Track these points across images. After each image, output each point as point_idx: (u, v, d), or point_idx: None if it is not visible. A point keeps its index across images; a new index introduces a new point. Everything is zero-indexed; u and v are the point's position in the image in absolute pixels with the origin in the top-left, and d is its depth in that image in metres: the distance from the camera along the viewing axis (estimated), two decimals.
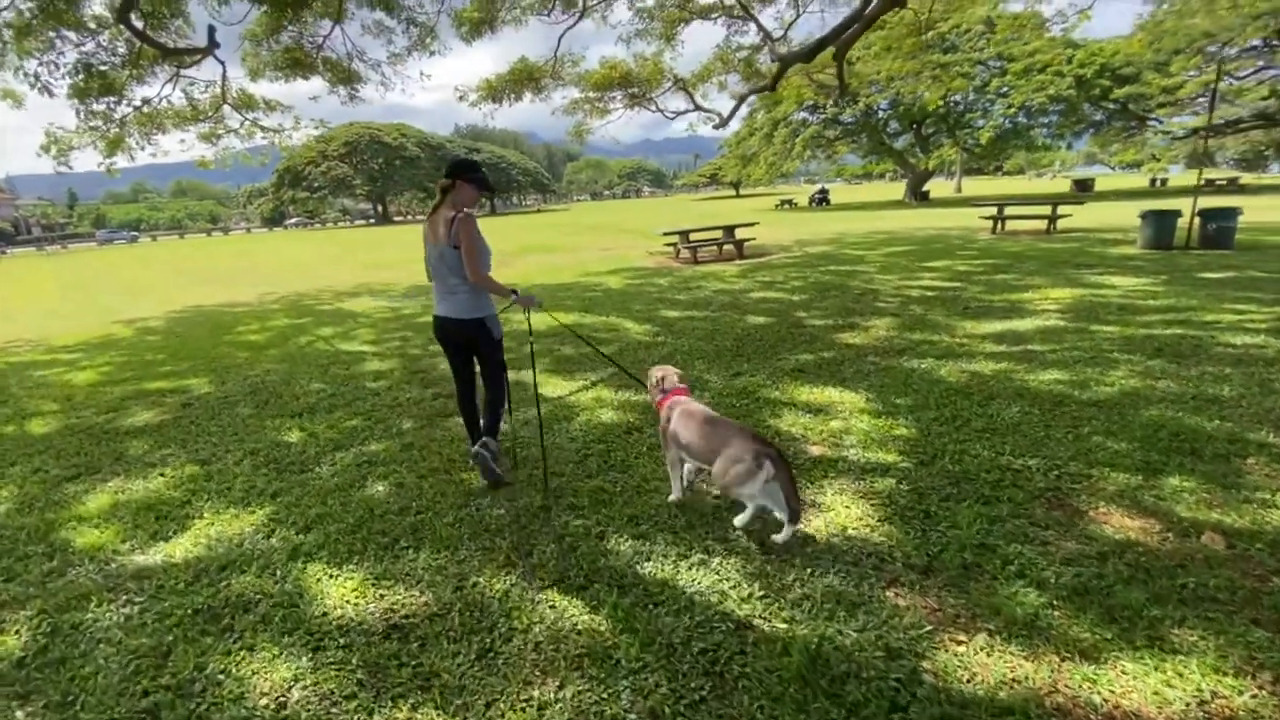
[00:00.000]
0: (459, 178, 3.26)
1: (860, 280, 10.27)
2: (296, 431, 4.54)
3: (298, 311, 10.31)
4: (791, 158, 41.50)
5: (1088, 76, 35.54)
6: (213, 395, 5.61)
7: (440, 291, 3.42)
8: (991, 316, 7.01)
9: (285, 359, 6.87)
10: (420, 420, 4.65)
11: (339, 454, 4.08)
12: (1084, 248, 12.82)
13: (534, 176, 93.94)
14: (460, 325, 3.41)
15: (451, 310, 3.38)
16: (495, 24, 14.52)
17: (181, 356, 7.29)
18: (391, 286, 13.01)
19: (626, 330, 7.45)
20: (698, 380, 5.24)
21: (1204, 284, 8.10)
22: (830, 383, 4.94)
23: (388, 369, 6.21)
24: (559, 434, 4.20)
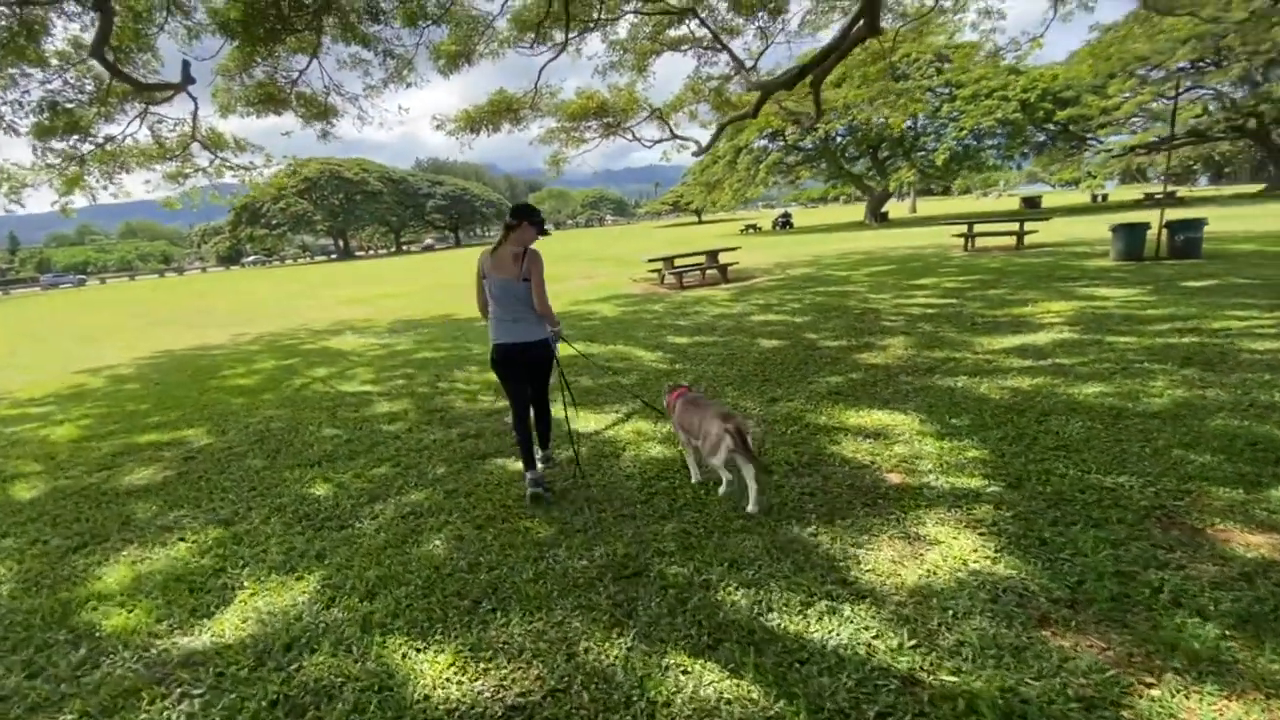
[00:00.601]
0: (525, 220, 3.68)
1: (856, 300, 10.34)
2: (321, 483, 4.19)
3: (282, 352, 9.82)
4: (755, 184, 42.39)
5: (1031, 100, 37.40)
6: (215, 447, 5.19)
7: (504, 320, 3.76)
8: (1002, 331, 7.07)
9: (285, 404, 6.47)
10: (455, 464, 4.36)
11: (377, 506, 3.76)
12: (1060, 261, 13.24)
13: (498, 208, 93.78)
14: (528, 348, 3.78)
15: (520, 336, 3.76)
16: (472, 57, 14.48)
17: (168, 406, 6.80)
18: (372, 323, 12.58)
19: (640, 359, 7.27)
20: (734, 406, 5.08)
21: (1192, 292, 8.37)
22: (873, 405, 4.84)
23: (400, 410, 5.88)
24: (611, 472, 3.98)
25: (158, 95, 10.85)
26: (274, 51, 12.24)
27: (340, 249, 78.69)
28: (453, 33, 13.48)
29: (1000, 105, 36.86)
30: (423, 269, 32.41)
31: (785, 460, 3.89)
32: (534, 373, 3.91)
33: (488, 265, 3.73)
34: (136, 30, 10.60)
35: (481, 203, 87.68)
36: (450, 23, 13.05)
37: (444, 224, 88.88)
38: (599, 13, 13.95)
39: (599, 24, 14.74)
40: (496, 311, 3.76)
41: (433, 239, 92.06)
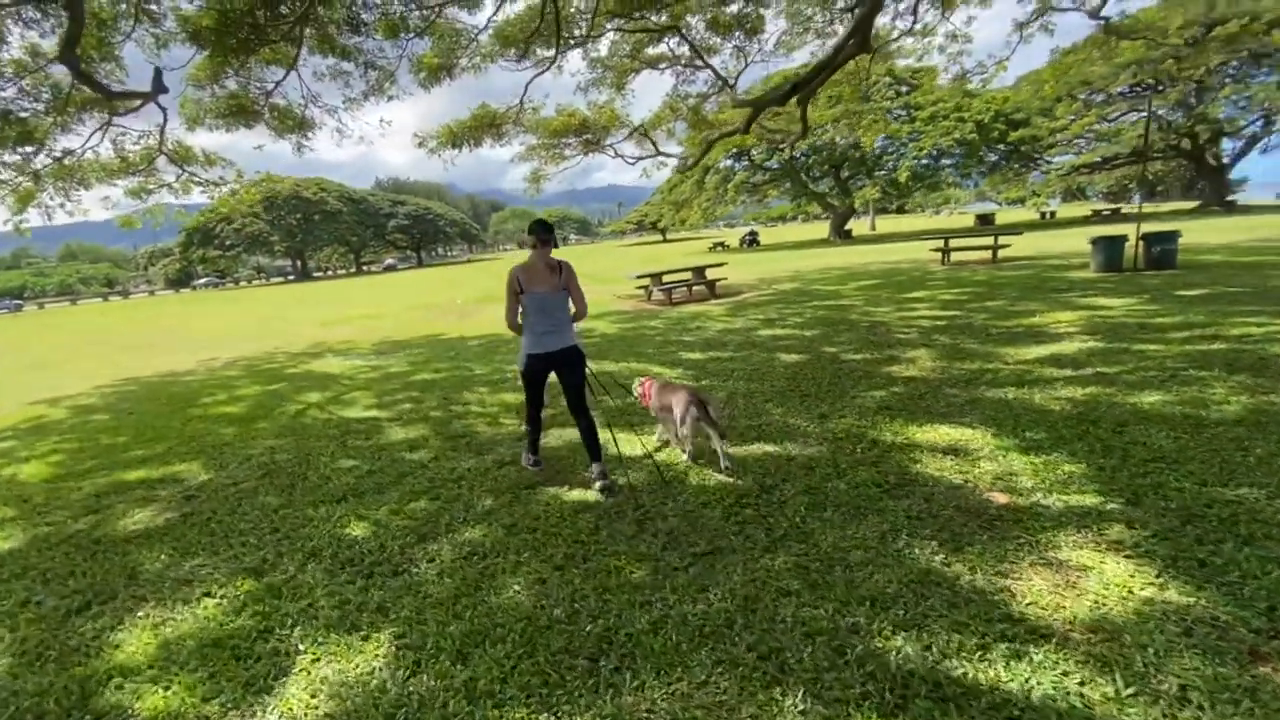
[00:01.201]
0: (551, 235, 3.99)
1: (857, 313, 10.29)
2: (356, 522, 3.75)
3: (264, 377, 9.17)
4: (725, 202, 42.89)
5: (986, 121, 38.95)
6: (218, 483, 4.66)
7: (542, 328, 3.93)
8: (1022, 342, 7.03)
9: (284, 432, 5.93)
10: (502, 495, 3.96)
11: (430, 546, 3.35)
12: (1042, 274, 13.54)
13: (462, 227, 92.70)
14: (566, 352, 3.97)
15: (558, 342, 3.95)
16: (454, 71, 14.16)
17: (150, 438, 6.17)
18: (354, 345, 11.96)
19: (661, 376, 6.96)
20: (785, 425, 4.83)
21: (1189, 300, 8.54)
22: (930, 419, 4.65)
23: (419, 436, 5.43)
24: (684, 500, 3.65)
25: (125, 105, 10.16)
26: (246, 63, 11.69)
27: (298, 270, 76.30)
28: (435, 45, 13.15)
29: (957, 126, 38.27)
30: (391, 289, 31.49)
31: (872, 481, 3.63)
32: (572, 375, 4.01)
33: (524, 280, 3.86)
34: (100, 38, 9.95)
35: (445, 222, 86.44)
36: (434, 35, 12.72)
37: (406, 244, 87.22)
38: (588, 29, 13.80)
39: (586, 40, 14.61)
40: (535, 323, 3.91)
41: (393, 259, 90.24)
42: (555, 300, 3.90)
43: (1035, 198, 58.36)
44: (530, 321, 3.92)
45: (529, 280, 3.87)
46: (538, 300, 3.86)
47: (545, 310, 3.88)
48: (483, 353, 9.56)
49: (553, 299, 3.89)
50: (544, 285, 3.87)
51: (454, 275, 40.55)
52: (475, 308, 17.31)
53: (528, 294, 3.86)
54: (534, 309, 3.88)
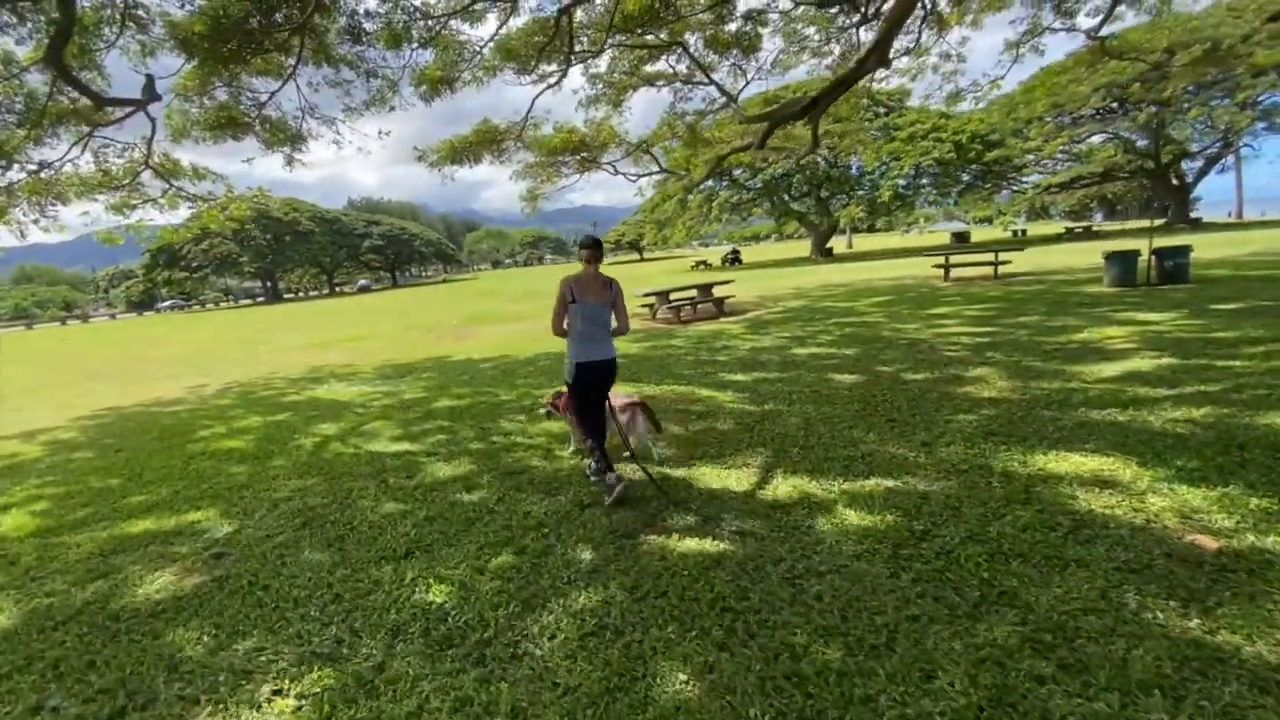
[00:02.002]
0: (601, 250, 4.20)
1: (888, 330, 9.96)
2: (435, 584, 3.14)
3: (264, 406, 8.42)
4: (709, 221, 42.94)
5: (964, 142, 39.79)
6: (247, 535, 3.99)
7: (587, 339, 4.11)
8: (1088, 359, 6.72)
9: (307, 471, 5.25)
10: (601, 544, 3.39)
11: (543, 618, 2.76)
12: (1055, 289, 13.46)
13: (437, 247, 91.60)
14: (610, 363, 4.20)
15: (603, 353, 4.16)
16: (455, 85, 13.68)
17: (149, 480, 5.42)
18: (355, 369, 11.22)
19: (716, 399, 6.47)
20: (887, 454, 4.36)
21: (1231, 315, 8.37)
22: (1049, 446, 4.24)
23: (467, 473, 4.82)
24: (827, 548, 3.13)
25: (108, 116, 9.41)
26: (237, 74, 11.04)
27: (268, 291, 74.25)
28: (439, 57, 12.66)
29: (935, 146, 38.98)
30: (372, 311, 30.51)
31: (1040, 523, 3.17)
32: (607, 383, 4.27)
33: (576, 291, 4.07)
34: (82, 45, 9.23)
35: (421, 242, 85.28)
36: (438, 47, 12.24)
37: (380, 264, 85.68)
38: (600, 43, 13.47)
39: (598, 53, 14.28)
40: (582, 332, 4.09)
41: (367, 280, 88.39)
42: (603, 313, 4.14)
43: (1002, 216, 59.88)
44: (577, 330, 4.11)
45: (581, 291, 4.07)
46: (587, 311, 4.08)
47: (593, 321, 4.10)
48: (500, 377, 8.94)
49: (601, 311, 4.12)
50: (594, 297, 4.09)
51: (433, 296, 39.61)
52: (469, 329, 16.63)
53: (579, 303, 4.06)
54: (583, 319, 4.08)
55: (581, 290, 4.07)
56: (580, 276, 4.10)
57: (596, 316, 4.10)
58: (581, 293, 4.06)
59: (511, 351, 11.36)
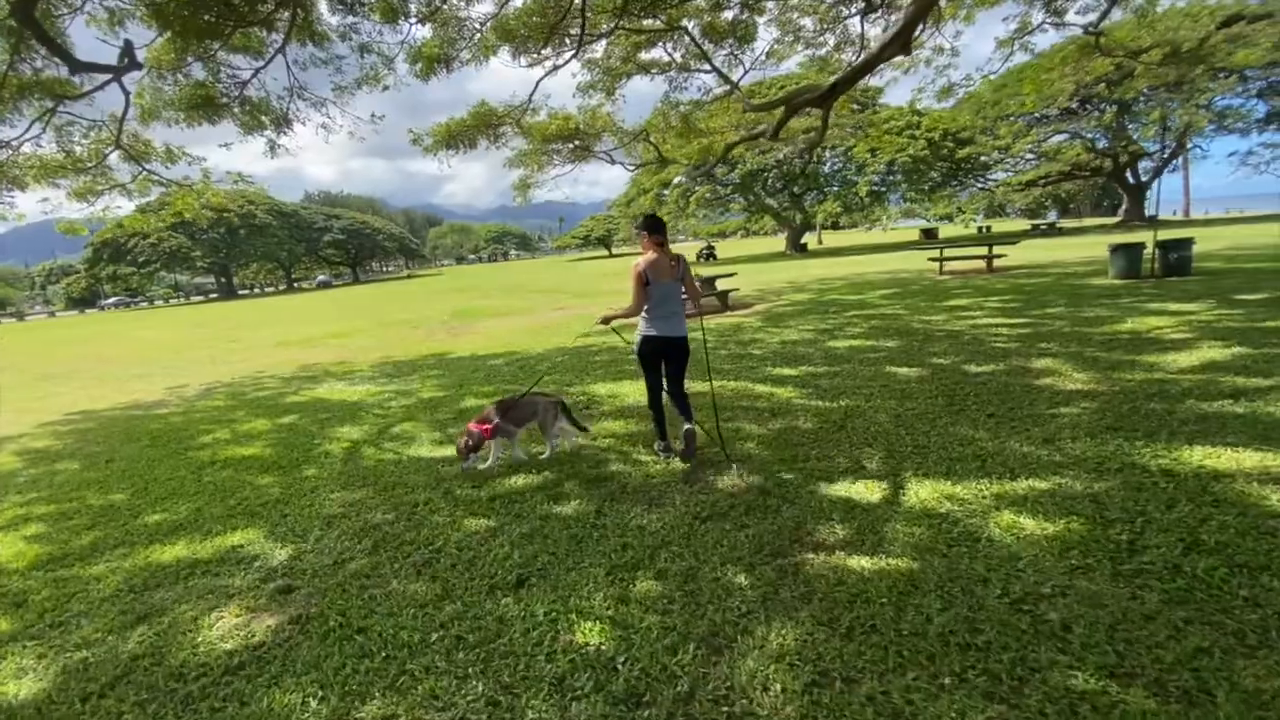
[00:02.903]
0: (666, 233, 4.43)
1: (917, 322, 9.72)
2: (580, 622, 2.61)
3: (265, 409, 7.63)
4: (687, 215, 42.63)
5: (936, 139, 40.41)
6: (312, 562, 3.36)
7: (661, 315, 4.36)
8: (1152, 349, 6.53)
9: (349, 481, 4.61)
10: (758, 563, 2.91)
11: (741, 664, 2.27)
12: (1062, 281, 13.51)
13: (401, 241, 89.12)
14: (682, 340, 4.46)
15: (675, 329, 4.40)
16: (452, 64, 12.91)
17: (160, 494, 4.70)
18: (351, 367, 10.43)
19: (777, 395, 6.04)
20: (1016, 452, 4.00)
21: (1264, 305, 8.36)
22: (1186, 440, 3.95)
23: (547, 481, 4.27)
24: (1028, 570, 2.73)
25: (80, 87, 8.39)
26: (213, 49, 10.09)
27: (223, 287, 70.96)
28: (437, 34, 11.90)
29: (910, 143, 39.46)
30: (345, 306, 29.18)
31: (1256, 528, 2.82)
32: (681, 358, 4.53)
33: (651, 273, 4.28)
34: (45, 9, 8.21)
35: (383, 236, 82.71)
36: (436, 23, 11.48)
37: (340, 259, 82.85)
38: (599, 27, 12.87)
39: (593, 39, 13.68)
40: (657, 310, 4.35)
41: (326, 275, 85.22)
42: (674, 290, 4.40)
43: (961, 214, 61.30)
44: (653, 309, 4.34)
45: (655, 273, 4.29)
46: (662, 290, 4.33)
47: (667, 299, 4.36)
48: (520, 374, 8.34)
49: (674, 289, 4.40)
50: (667, 276, 4.33)
51: (403, 292, 38.24)
52: (461, 325, 15.86)
53: (654, 284, 4.29)
54: (659, 298, 4.33)
55: (656, 272, 4.27)
56: (654, 260, 4.28)
57: (670, 294, 4.36)
58: (656, 274, 4.27)
59: (519, 348, 10.74)
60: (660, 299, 4.33)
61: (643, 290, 4.29)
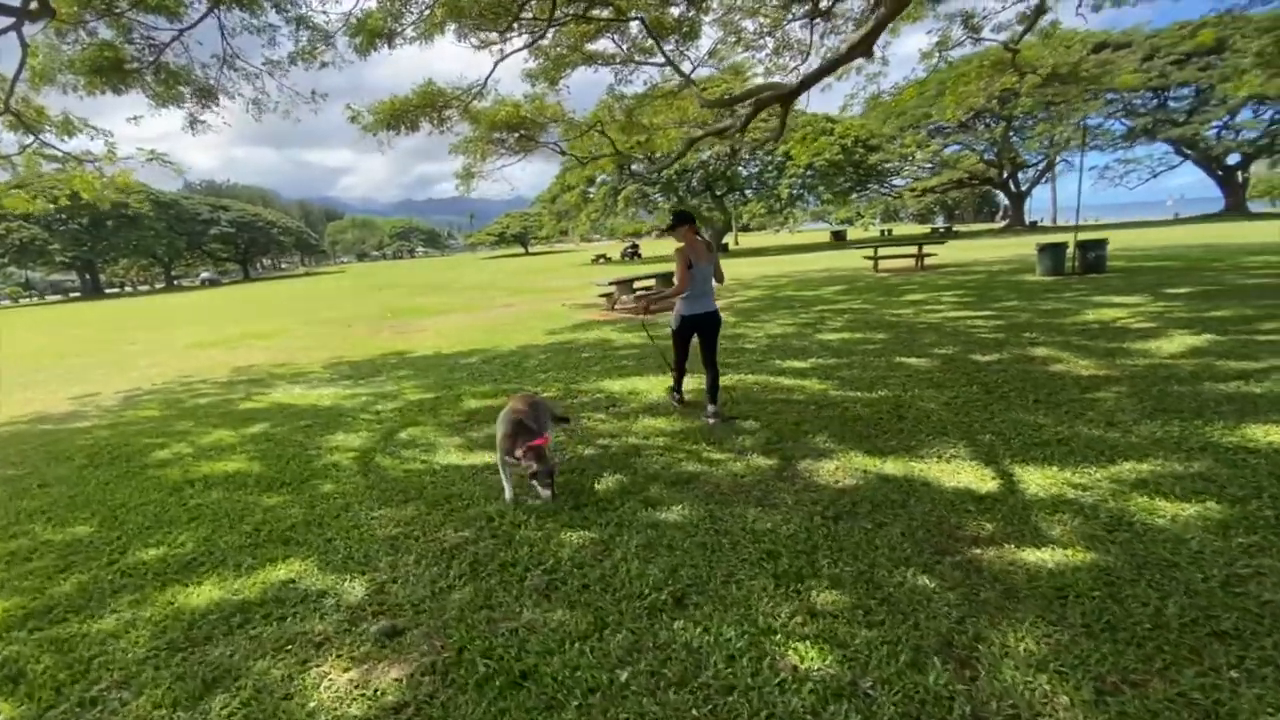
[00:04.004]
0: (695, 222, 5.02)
1: (890, 315, 10.01)
2: (791, 644, 2.29)
3: (215, 418, 6.60)
4: (614, 214, 42.38)
5: (848, 145, 42.51)
6: (400, 595, 2.79)
7: (699, 294, 4.93)
8: (1131, 338, 7.00)
9: (387, 497, 3.98)
10: (931, 563, 2.71)
11: (998, 678, 2.05)
12: (997, 277, 14.46)
13: (298, 236, 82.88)
14: (717, 313, 5.06)
15: (710, 306, 5.00)
16: (395, 39, 11.94)
17: (138, 523, 3.84)
18: (301, 370, 9.35)
19: (806, 387, 5.93)
20: (1090, 436, 4.07)
21: (1194, 298, 9.26)
22: (1239, 420, 4.18)
23: (622, 486, 3.87)
24: (1214, 557, 2.70)
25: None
26: (117, 4, 8.71)
27: (87, 285, 62.93)
28: (382, 6, 10.93)
29: (827, 148, 41.28)
30: (250, 304, 26.55)
31: None
32: (715, 331, 5.08)
33: (694, 256, 4.80)
34: None
35: (278, 230, 76.48)
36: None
37: (228, 255, 75.82)
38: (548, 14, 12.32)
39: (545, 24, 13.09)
40: (696, 289, 4.89)
41: (211, 272, 77.46)
42: (709, 271, 4.94)
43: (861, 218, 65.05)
44: (693, 288, 4.87)
45: (696, 257, 4.82)
46: (702, 271, 4.87)
47: (705, 279, 4.91)
48: (507, 372, 7.77)
49: (709, 270, 4.94)
50: (705, 260, 4.88)
51: (310, 290, 35.44)
52: (405, 323, 14.78)
53: (696, 267, 4.80)
54: (700, 278, 4.87)
55: (697, 255, 4.82)
56: (694, 245, 4.84)
57: (707, 274, 4.92)
58: (697, 257, 4.82)
59: (485, 346, 10.06)
60: (700, 279, 4.87)
61: (688, 272, 4.78)
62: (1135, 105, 42.53)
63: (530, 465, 3.47)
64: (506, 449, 3.60)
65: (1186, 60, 37.68)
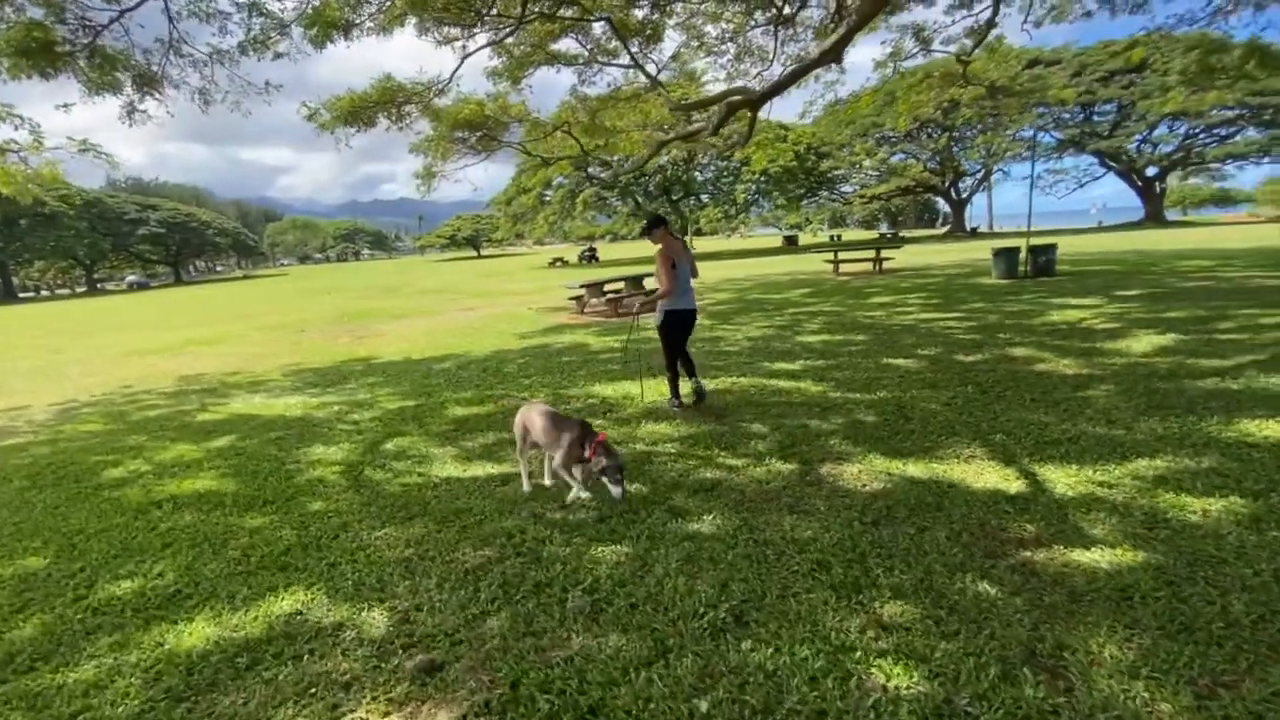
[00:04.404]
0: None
1: (864, 318, 10.17)
2: (873, 662, 2.16)
3: (171, 431, 6.06)
4: (572, 217, 42.02)
5: (801, 152, 43.46)
6: (429, 625, 2.53)
7: (683, 289, 5.24)
8: (1099, 338, 7.29)
9: (390, 513, 3.67)
10: (1001, 570, 2.65)
11: (1093, 695, 1.98)
12: (954, 280, 14.95)
13: (235, 237, 78.84)
14: (695, 312, 5.45)
15: (692, 302, 5.40)
16: (353, 30, 11.42)
17: (106, 553, 3.41)
18: (258, 378, 8.77)
19: (804, 390, 5.89)
20: (1095, 435, 4.15)
21: (1146, 299, 9.76)
22: (1231, 415, 4.33)
23: (643, 496, 3.70)
24: (1228, 560, 2.73)
25: None
26: None
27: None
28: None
29: (781, 154, 42.06)
30: (188, 308, 24.98)
31: None
32: (693, 325, 5.48)
33: (676, 256, 5.16)
34: None
35: (214, 231, 72.51)
36: None
37: (158, 257, 71.46)
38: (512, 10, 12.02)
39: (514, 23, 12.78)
40: (680, 287, 5.21)
41: (139, 275, 72.72)
42: (689, 268, 5.32)
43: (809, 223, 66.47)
44: (679, 285, 5.19)
45: (679, 256, 5.20)
46: (683, 269, 5.21)
47: (686, 276, 5.27)
48: (486, 377, 7.47)
49: (688, 267, 5.30)
50: (684, 258, 5.26)
51: (255, 292, 33.67)
52: (362, 326, 14.15)
53: (680, 265, 5.16)
54: (681, 276, 5.19)
55: (678, 255, 5.20)
56: (676, 246, 5.25)
57: (687, 272, 5.28)
58: (679, 257, 5.19)
59: (455, 350, 9.68)
60: (682, 277, 5.21)
61: (672, 271, 5.09)
62: (1064, 119, 45.01)
63: (600, 462, 3.36)
64: (575, 453, 3.47)
65: (1110, 78, 40.18)
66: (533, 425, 3.72)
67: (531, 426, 3.72)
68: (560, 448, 3.51)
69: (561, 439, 3.51)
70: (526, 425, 3.76)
